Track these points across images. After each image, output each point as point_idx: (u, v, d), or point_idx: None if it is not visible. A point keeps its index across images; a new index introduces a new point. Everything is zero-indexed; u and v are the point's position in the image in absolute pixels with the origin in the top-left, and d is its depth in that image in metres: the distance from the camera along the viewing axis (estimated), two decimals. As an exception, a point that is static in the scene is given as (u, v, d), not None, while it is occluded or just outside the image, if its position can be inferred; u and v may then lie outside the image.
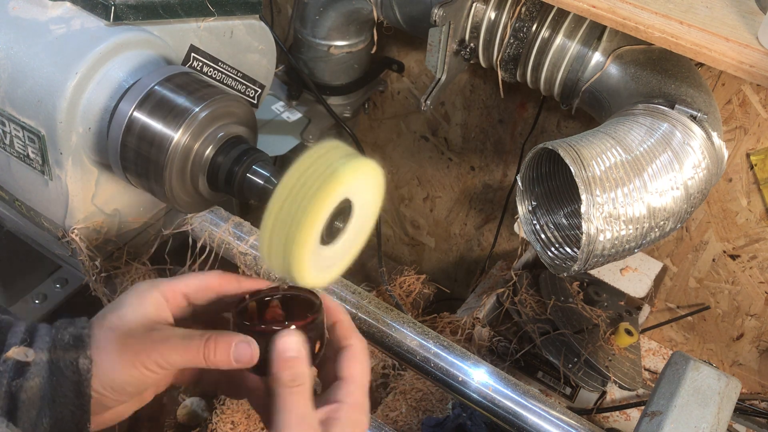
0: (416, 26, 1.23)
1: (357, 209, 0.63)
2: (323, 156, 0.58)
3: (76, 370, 0.51)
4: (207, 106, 0.74)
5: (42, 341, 0.52)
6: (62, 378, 0.51)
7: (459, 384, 0.86)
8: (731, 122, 1.21)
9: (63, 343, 0.52)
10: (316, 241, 0.60)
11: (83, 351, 0.52)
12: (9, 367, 0.50)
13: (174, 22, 0.83)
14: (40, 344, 0.52)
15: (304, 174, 0.57)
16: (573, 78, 1.09)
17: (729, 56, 0.87)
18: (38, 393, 0.50)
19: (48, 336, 0.53)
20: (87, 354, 0.52)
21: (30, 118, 0.76)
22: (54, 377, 0.50)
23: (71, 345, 0.52)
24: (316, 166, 0.57)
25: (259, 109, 1.04)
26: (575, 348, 1.26)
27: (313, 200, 0.56)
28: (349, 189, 0.60)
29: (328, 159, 0.58)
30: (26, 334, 0.53)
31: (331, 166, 0.57)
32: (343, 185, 0.58)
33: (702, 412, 0.78)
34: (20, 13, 0.78)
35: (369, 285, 1.65)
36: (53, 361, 0.51)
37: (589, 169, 0.82)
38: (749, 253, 1.36)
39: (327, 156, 0.58)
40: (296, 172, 0.58)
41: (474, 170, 1.68)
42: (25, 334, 0.52)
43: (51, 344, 0.52)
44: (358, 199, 0.63)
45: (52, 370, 0.51)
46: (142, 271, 0.95)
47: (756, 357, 1.51)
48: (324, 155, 0.58)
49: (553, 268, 0.94)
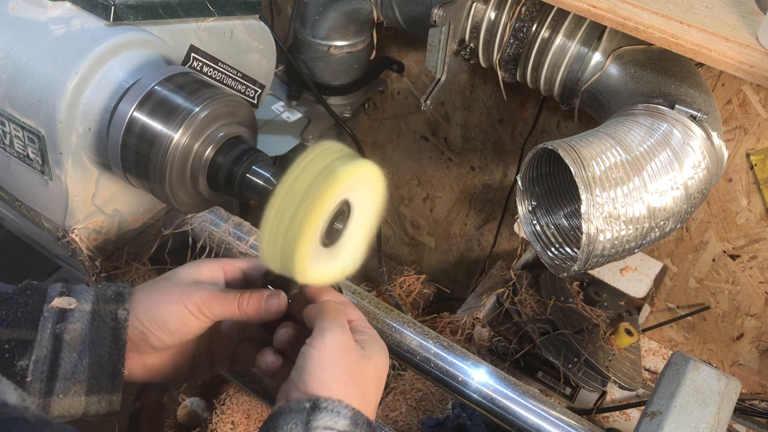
0: (416, 26, 1.23)
1: (356, 211, 0.63)
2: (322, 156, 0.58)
3: (114, 318, 0.58)
4: (207, 107, 0.74)
5: (86, 294, 0.59)
6: (102, 324, 0.57)
7: (459, 384, 0.86)
8: (731, 122, 1.21)
9: (105, 297, 0.59)
10: (315, 242, 0.60)
11: (122, 304, 0.59)
12: (53, 314, 0.56)
13: (174, 22, 0.83)
14: (84, 296, 0.59)
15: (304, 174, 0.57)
16: (573, 78, 1.09)
17: (729, 56, 0.87)
18: (79, 336, 0.56)
19: (91, 291, 0.59)
20: (125, 306, 0.59)
21: (30, 118, 0.76)
22: (95, 323, 0.57)
23: (112, 299, 0.59)
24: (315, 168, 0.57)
25: (259, 109, 1.04)
26: (575, 348, 1.26)
27: (313, 202, 0.56)
28: (348, 190, 0.60)
29: (327, 160, 0.58)
30: (63, 288, 0.59)
31: (330, 167, 0.57)
32: (341, 187, 0.58)
33: (702, 412, 0.78)
34: (20, 13, 0.78)
35: (369, 285, 1.65)
36: (95, 311, 0.58)
37: (589, 169, 0.82)
38: (749, 253, 1.36)
39: (326, 157, 0.58)
40: (296, 172, 0.58)
41: (474, 170, 1.68)
42: (63, 288, 0.59)
43: (94, 298, 0.59)
44: (358, 200, 0.63)
45: (94, 317, 0.57)
46: (142, 271, 0.95)
47: (756, 357, 1.51)
48: (323, 156, 0.58)
49: (553, 268, 0.94)
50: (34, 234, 0.95)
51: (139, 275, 0.95)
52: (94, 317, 0.57)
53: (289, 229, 0.57)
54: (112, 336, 0.57)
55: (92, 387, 0.56)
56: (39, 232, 0.91)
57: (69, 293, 0.59)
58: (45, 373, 0.54)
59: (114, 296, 0.59)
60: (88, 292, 0.60)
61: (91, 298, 0.59)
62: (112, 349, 0.57)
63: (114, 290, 0.60)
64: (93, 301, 0.59)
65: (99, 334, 0.57)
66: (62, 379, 0.55)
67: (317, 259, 0.61)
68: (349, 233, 0.64)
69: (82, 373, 0.56)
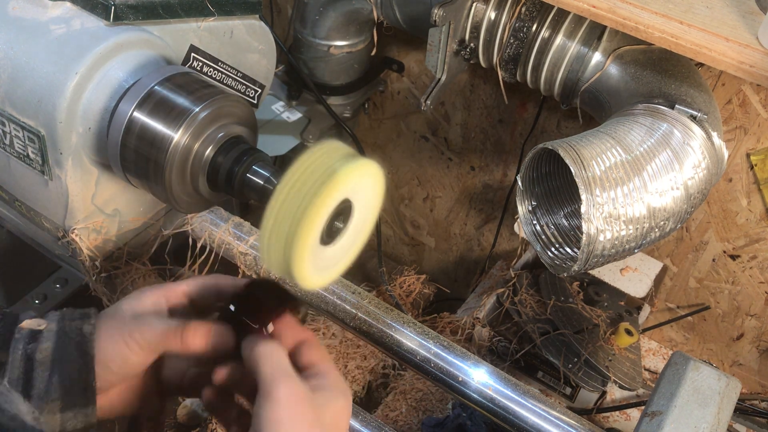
0: (416, 26, 1.23)
1: (357, 209, 0.63)
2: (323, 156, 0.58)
3: (80, 333, 0.58)
4: (207, 106, 0.74)
5: (52, 316, 0.60)
6: (68, 340, 0.58)
7: (459, 384, 0.86)
8: (731, 122, 1.21)
9: (71, 316, 0.60)
10: (315, 241, 0.60)
11: (87, 320, 0.59)
12: (24, 335, 0.57)
13: (174, 22, 0.83)
14: (50, 318, 0.59)
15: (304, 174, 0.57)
16: (573, 78, 1.09)
17: (729, 56, 0.87)
18: (49, 355, 0.56)
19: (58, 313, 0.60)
20: (91, 322, 0.59)
21: (30, 118, 0.76)
22: (60, 340, 0.57)
23: (77, 317, 0.59)
24: (316, 167, 0.57)
25: (259, 109, 1.04)
26: (575, 348, 1.26)
27: (313, 200, 0.56)
28: (348, 189, 0.60)
29: (328, 159, 0.58)
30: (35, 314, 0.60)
31: (331, 166, 0.57)
32: (342, 185, 0.58)
33: (702, 412, 0.78)
34: (20, 13, 0.78)
35: (369, 285, 1.65)
36: (61, 329, 0.58)
37: (589, 169, 0.82)
38: (749, 253, 1.36)
39: (326, 156, 0.58)
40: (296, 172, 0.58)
41: (474, 170, 1.68)
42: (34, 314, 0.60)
43: (60, 317, 0.59)
44: (358, 199, 0.63)
45: (59, 335, 0.58)
46: (142, 271, 0.95)
47: (756, 357, 1.51)
48: (323, 155, 0.58)
49: (553, 268, 0.94)
50: (34, 234, 0.95)
51: (139, 275, 0.95)
52: (60, 335, 0.58)
53: (290, 228, 0.57)
54: (79, 351, 0.57)
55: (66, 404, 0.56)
56: (39, 232, 0.91)
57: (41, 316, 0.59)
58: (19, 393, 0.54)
59: (80, 315, 0.60)
60: (55, 314, 0.60)
61: (56, 317, 0.59)
62: (80, 365, 0.56)
63: (80, 311, 0.60)
64: (58, 320, 0.59)
65: (66, 350, 0.57)
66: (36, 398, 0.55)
67: (317, 258, 0.61)
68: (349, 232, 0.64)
69: (55, 391, 0.55)
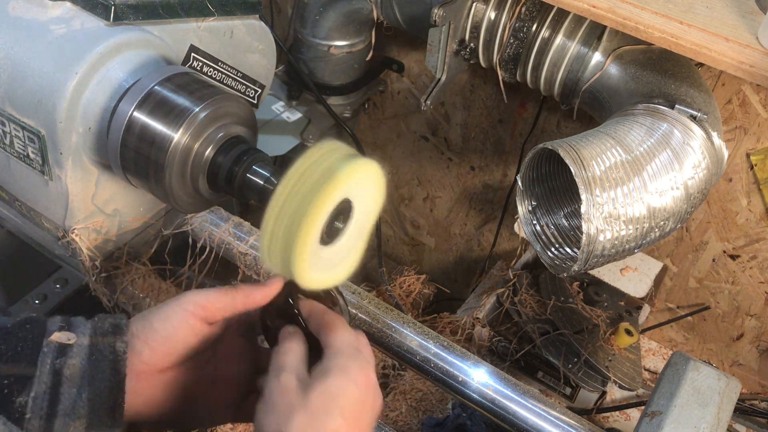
0: (416, 26, 1.23)
1: (357, 209, 0.63)
2: (323, 156, 0.58)
3: (113, 351, 0.57)
4: (207, 106, 0.74)
5: (84, 328, 0.58)
6: (101, 357, 0.57)
7: (459, 384, 0.86)
8: (731, 122, 1.21)
9: (102, 330, 0.58)
10: (316, 241, 0.60)
11: (120, 336, 0.58)
12: (52, 348, 0.56)
13: (174, 22, 0.83)
14: (81, 330, 0.58)
15: (304, 174, 0.57)
16: (573, 78, 1.09)
17: (729, 56, 0.87)
18: (79, 371, 0.55)
19: (89, 324, 0.59)
20: (124, 339, 0.58)
21: (30, 118, 0.76)
22: (93, 356, 0.56)
23: (110, 331, 0.58)
24: (316, 167, 0.57)
25: (259, 109, 1.04)
26: (575, 348, 1.26)
27: (313, 200, 0.56)
28: (348, 189, 0.60)
29: (328, 159, 0.58)
30: (63, 323, 0.59)
31: (331, 166, 0.57)
32: (342, 185, 0.58)
33: (702, 412, 0.78)
34: (20, 13, 0.78)
35: (369, 285, 1.65)
36: (93, 344, 0.57)
37: (589, 169, 0.82)
38: (749, 253, 1.36)
39: (327, 156, 0.58)
40: (296, 172, 0.58)
41: (474, 170, 1.68)
42: (62, 323, 0.58)
43: (92, 331, 0.58)
44: (358, 199, 0.63)
45: (92, 351, 0.57)
46: (142, 271, 0.95)
47: (756, 357, 1.51)
48: (324, 155, 0.58)
49: (553, 268, 0.94)
50: (34, 234, 0.95)
51: (139, 275, 0.95)
52: (92, 351, 0.57)
53: (290, 227, 0.57)
54: (111, 369, 0.56)
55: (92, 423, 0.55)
56: (39, 232, 0.91)
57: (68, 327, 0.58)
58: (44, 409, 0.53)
59: (111, 329, 0.59)
60: (85, 326, 0.59)
61: (88, 331, 0.58)
62: (111, 383, 0.56)
63: (111, 322, 0.59)
64: (90, 334, 0.58)
65: (98, 367, 0.56)
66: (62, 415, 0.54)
67: (317, 258, 0.61)
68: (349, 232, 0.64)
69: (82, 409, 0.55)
